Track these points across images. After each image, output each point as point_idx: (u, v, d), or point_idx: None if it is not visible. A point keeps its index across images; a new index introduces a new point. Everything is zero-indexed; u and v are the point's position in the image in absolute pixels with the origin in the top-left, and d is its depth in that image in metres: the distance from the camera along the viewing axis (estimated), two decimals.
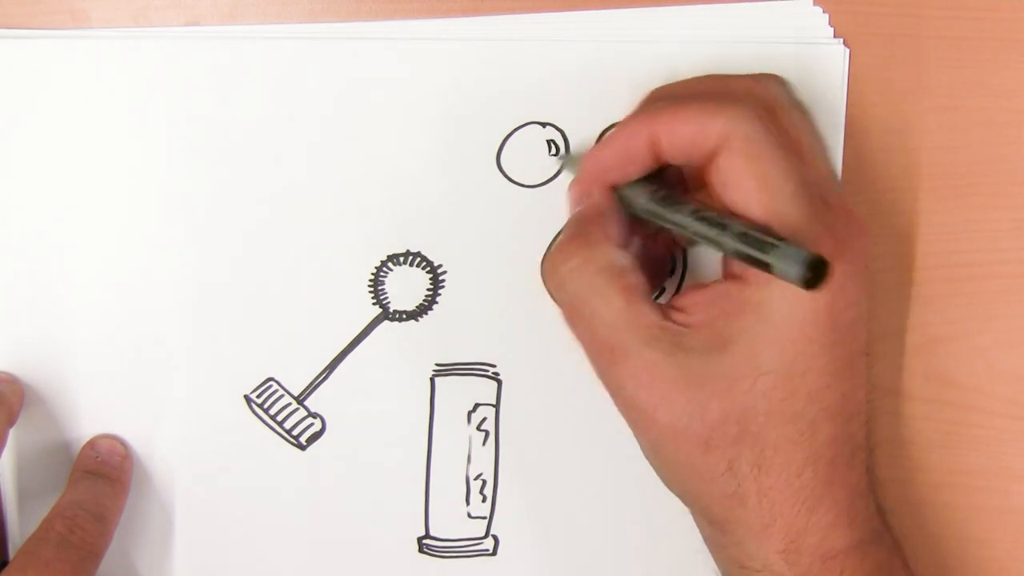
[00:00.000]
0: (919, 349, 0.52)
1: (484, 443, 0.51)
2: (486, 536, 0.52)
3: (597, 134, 0.49)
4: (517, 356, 0.51)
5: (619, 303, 0.42)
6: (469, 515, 0.52)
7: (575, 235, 0.44)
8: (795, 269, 0.38)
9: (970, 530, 0.53)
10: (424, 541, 0.52)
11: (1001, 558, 0.53)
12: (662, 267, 0.49)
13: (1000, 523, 0.53)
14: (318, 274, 0.50)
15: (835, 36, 0.50)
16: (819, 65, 0.49)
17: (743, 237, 0.40)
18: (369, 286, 0.50)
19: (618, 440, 0.51)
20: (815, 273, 0.38)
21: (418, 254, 0.50)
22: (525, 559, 0.52)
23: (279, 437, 0.51)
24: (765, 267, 0.39)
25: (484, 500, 0.52)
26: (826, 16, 0.49)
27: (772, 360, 0.41)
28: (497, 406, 0.51)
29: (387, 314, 0.50)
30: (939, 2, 0.50)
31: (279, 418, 0.50)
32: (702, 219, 0.42)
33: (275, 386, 0.50)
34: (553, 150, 0.49)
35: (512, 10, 0.49)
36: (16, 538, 0.50)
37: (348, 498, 0.51)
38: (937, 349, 0.53)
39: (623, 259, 0.43)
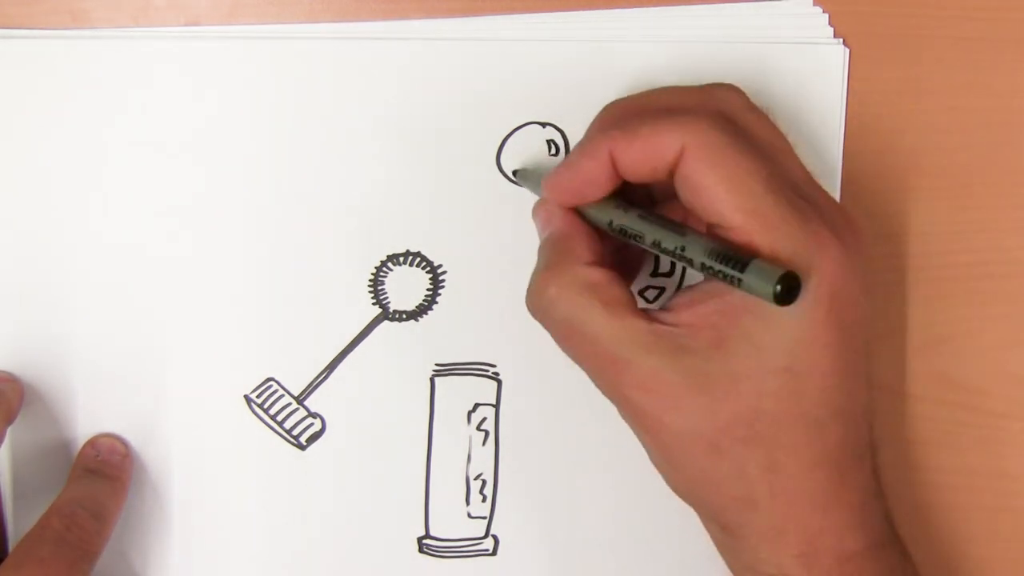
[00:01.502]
0: (920, 349, 0.52)
1: (484, 443, 0.51)
2: (486, 536, 0.52)
3: None
4: (517, 356, 0.51)
5: (607, 318, 0.42)
6: (469, 515, 0.52)
7: (550, 262, 0.44)
8: (765, 286, 0.38)
9: (971, 529, 0.53)
10: (424, 541, 0.52)
11: (1002, 557, 0.53)
12: (638, 262, 0.49)
13: (1001, 522, 0.53)
14: (318, 274, 0.50)
15: (835, 36, 0.50)
16: (819, 65, 0.49)
17: (710, 255, 0.40)
18: (369, 286, 0.50)
19: (618, 439, 0.51)
20: (787, 287, 0.38)
21: (418, 254, 0.50)
22: (525, 559, 0.52)
23: (279, 437, 0.51)
24: (733, 284, 0.39)
25: (484, 500, 0.52)
26: (826, 16, 0.49)
27: (777, 360, 0.41)
28: (497, 406, 0.51)
29: (387, 314, 0.50)
30: (939, 2, 0.51)
31: (279, 418, 0.50)
32: (665, 238, 0.42)
33: (275, 386, 0.50)
34: (553, 150, 0.49)
35: (512, 10, 0.49)
36: (14, 536, 0.50)
37: (348, 498, 0.51)
38: (938, 349, 0.53)
39: (599, 275, 0.43)
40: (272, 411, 0.50)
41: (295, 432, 0.51)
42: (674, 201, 0.44)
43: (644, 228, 0.43)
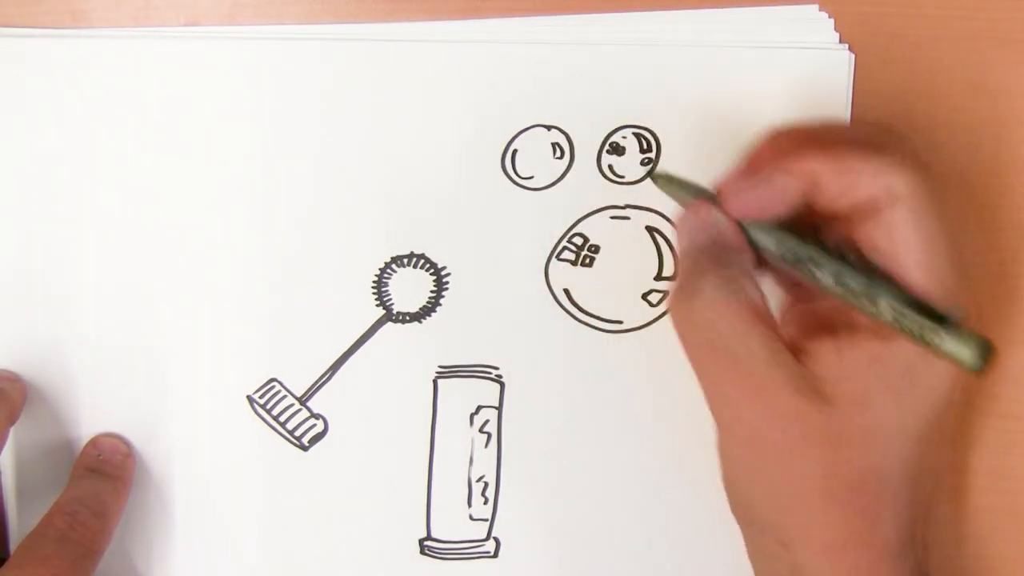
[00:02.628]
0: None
1: (486, 445, 0.51)
2: (488, 538, 0.52)
3: (602, 137, 0.49)
4: (520, 358, 0.51)
5: (761, 342, 0.40)
6: (471, 517, 0.52)
7: (714, 266, 0.41)
8: (967, 352, 0.37)
9: (972, 530, 0.53)
10: (425, 543, 0.52)
11: (1003, 557, 0.53)
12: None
13: (1002, 523, 0.53)
14: (321, 275, 0.50)
15: (840, 41, 0.50)
16: (824, 70, 0.49)
17: (905, 305, 0.38)
18: (372, 288, 0.50)
19: (620, 442, 0.52)
20: (983, 357, 0.37)
21: (422, 256, 0.50)
22: (527, 562, 0.52)
23: (281, 438, 0.51)
24: (926, 341, 0.38)
25: (486, 502, 0.52)
26: (831, 21, 0.49)
27: (917, 425, 0.40)
28: (500, 408, 0.51)
29: (390, 316, 0.50)
30: (941, 3, 0.51)
31: (281, 419, 0.51)
32: (850, 276, 0.40)
33: (278, 387, 0.50)
34: (558, 153, 0.49)
35: (515, 13, 0.49)
36: (16, 535, 0.50)
37: (350, 499, 0.51)
38: None
39: (762, 297, 0.41)
40: (275, 412, 0.50)
41: (297, 433, 0.51)
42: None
43: (827, 260, 0.41)
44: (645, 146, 0.50)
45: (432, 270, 0.50)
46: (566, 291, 0.51)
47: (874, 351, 0.40)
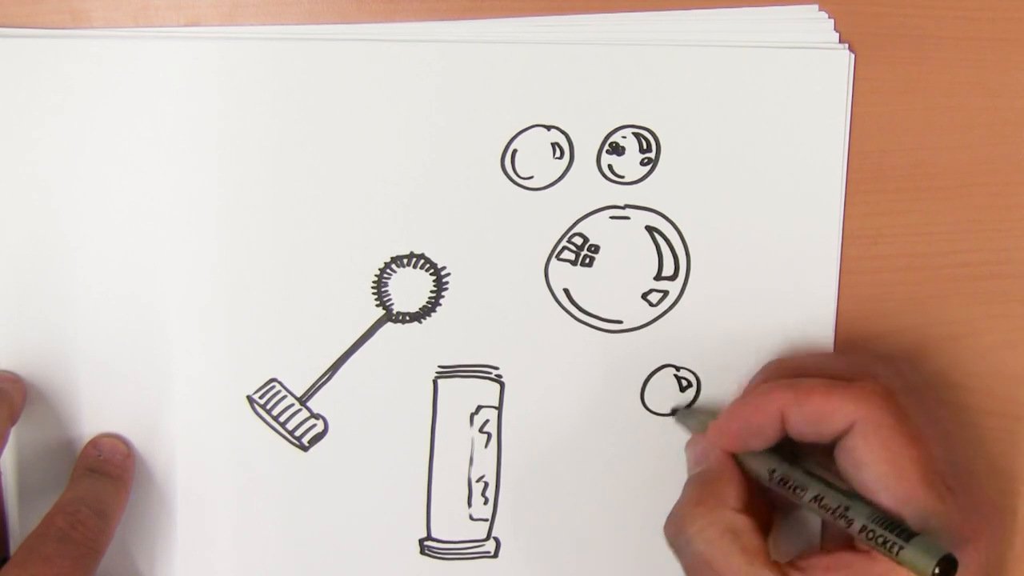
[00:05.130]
0: (920, 349, 0.53)
1: (486, 445, 0.52)
2: (488, 538, 0.52)
3: (601, 137, 0.49)
4: (520, 358, 0.51)
5: (743, 565, 0.44)
6: (471, 517, 0.52)
7: (699, 498, 0.46)
8: (925, 563, 0.40)
9: None
10: (426, 543, 0.52)
11: (1003, 556, 0.53)
12: (769, 513, 0.50)
13: (1002, 523, 0.53)
14: (321, 275, 0.50)
15: (840, 41, 0.50)
16: (824, 70, 0.49)
17: (874, 521, 0.42)
18: (372, 288, 0.50)
19: (620, 442, 0.52)
20: (944, 569, 0.40)
21: (422, 256, 0.50)
22: (526, 561, 0.52)
23: (281, 438, 0.51)
24: (891, 553, 0.41)
25: (486, 502, 0.52)
26: (831, 21, 0.49)
27: None
28: (500, 408, 0.51)
29: (390, 316, 0.50)
30: (940, 3, 0.51)
31: (281, 419, 0.51)
32: (828, 496, 0.44)
33: (278, 387, 0.50)
34: (558, 153, 0.49)
35: (515, 13, 0.49)
36: (17, 535, 0.50)
37: (350, 499, 0.51)
38: (939, 349, 0.53)
39: (744, 522, 0.45)
40: (275, 412, 0.50)
41: (297, 433, 0.51)
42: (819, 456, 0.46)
43: (809, 483, 0.45)
44: (645, 146, 0.49)
45: (432, 270, 0.50)
46: (566, 291, 0.51)
47: (851, 567, 0.44)
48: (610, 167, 0.50)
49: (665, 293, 0.51)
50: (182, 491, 0.51)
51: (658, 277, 0.51)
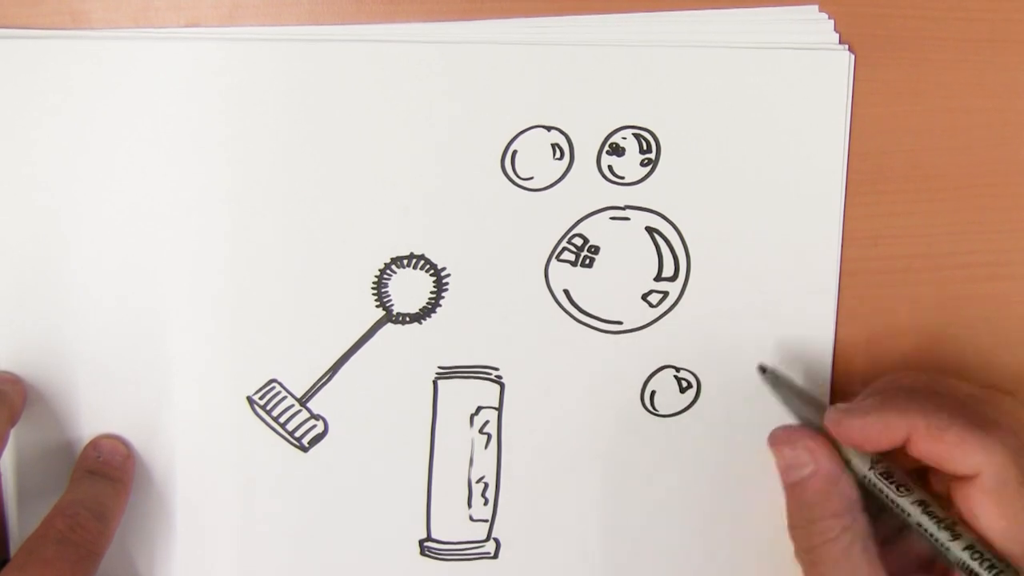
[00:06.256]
0: (921, 349, 0.53)
1: (486, 446, 0.52)
2: (488, 539, 0.52)
3: (601, 138, 0.49)
4: (520, 359, 0.51)
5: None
6: (471, 518, 0.52)
7: (828, 503, 0.46)
8: None
9: None
10: (425, 544, 0.52)
11: None
12: None
13: None
14: (321, 276, 0.50)
15: (840, 41, 0.50)
16: (824, 70, 0.49)
17: (980, 553, 0.43)
18: (372, 288, 0.50)
19: (619, 442, 0.52)
20: None
21: (422, 257, 0.50)
22: (526, 562, 0.52)
23: (281, 439, 0.51)
24: None
25: (486, 503, 0.52)
26: (831, 22, 0.49)
27: None
28: (500, 409, 0.51)
29: (390, 316, 0.50)
30: (940, 4, 0.51)
31: (281, 420, 0.51)
32: (931, 517, 0.45)
33: (278, 387, 0.50)
34: (558, 154, 0.49)
35: (515, 13, 0.49)
36: (16, 537, 0.50)
37: (350, 500, 0.51)
38: (938, 349, 0.53)
39: (869, 529, 0.45)
40: (275, 413, 0.50)
41: (297, 434, 0.51)
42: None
43: (904, 504, 0.45)
44: (645, 146, 0.49)
45: (432, 271, 0.50)
46: (566, 292, 0.51)
47: None
48: (610, 168, 0.50)
49: (665, 294, 0.51)
50: (182, 492, 0.51)
51: (658, 278, 0.51)
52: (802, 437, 0.47)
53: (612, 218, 0.50)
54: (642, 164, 0.50)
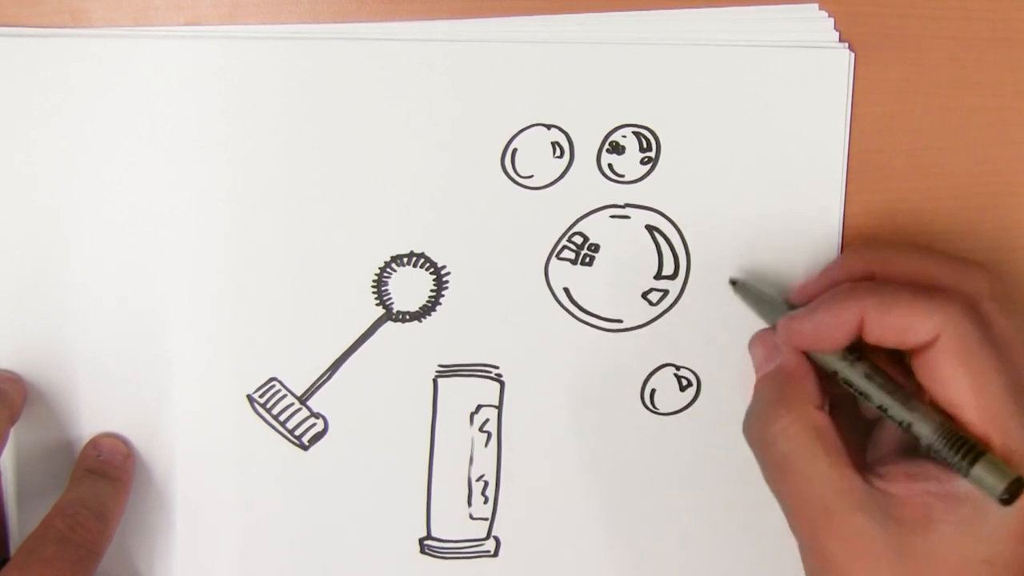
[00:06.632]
0: None
1: (486, 444, 0.51)
2: (487, 537, 0.52)
3: (601, 136, 0.49)
4: (520, 358, 0.51)
5: (828, 466, 0.43)
6: (471, 516, 0.52)
7: (779, 397, 0.46)
8: (994, 483, 0.40)
9: None
10: (426, 542, 0.52)
11: None
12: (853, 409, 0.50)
13: None
14: (321, 274, 0.50)
15: (840, 40, 0.50)
16: (824, 69, 0.50)
17: (946, 434, 0.42)
18: (372, 287, 0.50)
19: (619, 441, 0.52)
20: (1012, 491, 0.40)
21: (422, 255, 0.50)
22: (526, 561, 0.52)
23: (281, 437, 0.51)
24: (960, 470, 0.41)
25: (486, 501, 0.52)
26: (831, 20, 0.49)
27: (981, 550, 0.42)
28: (500, 407, 0.51)
29: (390, 315, 0.50)
30: (940, 3, 0.51)
31: (281, 418, 0.51)
32: (903, 405, 0.44)
33: (278, 386, 0.50)
34: (558, 152, 0.49)
35: (515, 13, 0.49)
36: (16, 536, 0.50)
37: (350, 498, 0.51)
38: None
39: (826, 420, 0.45)
40: (275, 411, 0.50)
41: (297, 432, 0.51)
42: (899, 366, 0.46)
43: (871, 391, 0.44)
44: (645, 145, 0.50)
45: (432, 269, 0.50)
46: (566, 290, 0.51)
47: (936, 479, 0.43)
48: (610, 166, 0.50)
49: (665, 292, 0.51)
50: (182, 491, 0.51)
51: (658, 276, 0.51)
52: (771, 336, 0.48)
53: (612, 216, 0.50)
54: (642, 162, 0.50)
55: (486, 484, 0.52)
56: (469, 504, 0.52)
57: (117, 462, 0.49)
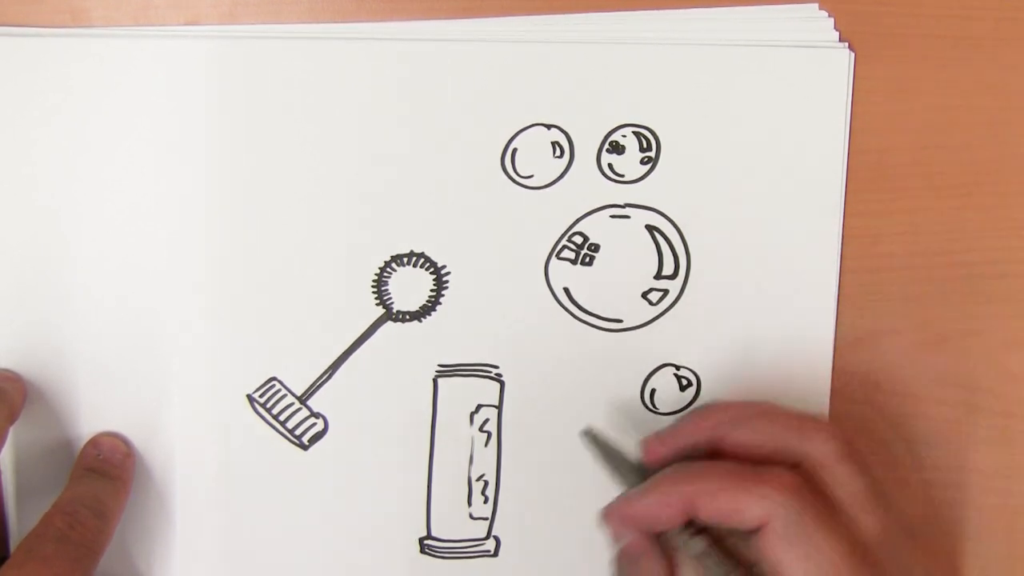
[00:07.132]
0: (921, 349, 0.53)
1: (486, 444, 0.51)
2: (487, 537, 0.52)
3: (601, 136, 0.49)
4: (520, 357, 0.51)
5: None
6: (471, 516, 0.52)
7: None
8: None
9: (975, 528, 0.53)
10: (426, 542, 0.52)
11: (1006, 556, 0.53)
12: None
13: (1005, 521, 0.53)
14: (321, 274, 0.50)
15: (840, 39, 0.50)
16: (824, 68, 0.50)
17: None
18: (372, 286, 0.50)
19: (620, 441, 0.51)
20: None
21: (422, 255, 0.50)
22: (526, 560, 0.52)
23: (281, 437, 0.51)
24: None
25: (486, 501, 0.52)
26: (831, 20, 0.50)
27: None
28: (500, 407, 0.51)
29: (390, 315, 0.50)
30: (940, 3, 0.51)
31: (281, 418, 0.50)
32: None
33: (278, 386, 0.50)
34: (558, 152, 0.49)
35: (515, 13, 0.49)
36: (16, 535, 0.50)
37: (350, 498, 0.51)
38: (939, 349, 0.53)
39: None
40: (275, 411, 0.50)
41: (297, 432, 0.51)
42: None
43: (707, 567, 0.45)
44: (645, 145, 0.50)
45: (432, 269, 0.50)
46: (566, 290, 0.51)
47: None
48: (610, 166, 0.50)
49: (665, 292, 0.51)
50: (181, 490, 0.51)
51: (658, 276, 0.51)
52: (617, 511, 0.47)
53: (612, 216, 0.50)
54: (642, 162, 0.50)
55: (486, 484, 0.52)
56: (469, 504, 0.52)
57: (117, 461, 0.49)
